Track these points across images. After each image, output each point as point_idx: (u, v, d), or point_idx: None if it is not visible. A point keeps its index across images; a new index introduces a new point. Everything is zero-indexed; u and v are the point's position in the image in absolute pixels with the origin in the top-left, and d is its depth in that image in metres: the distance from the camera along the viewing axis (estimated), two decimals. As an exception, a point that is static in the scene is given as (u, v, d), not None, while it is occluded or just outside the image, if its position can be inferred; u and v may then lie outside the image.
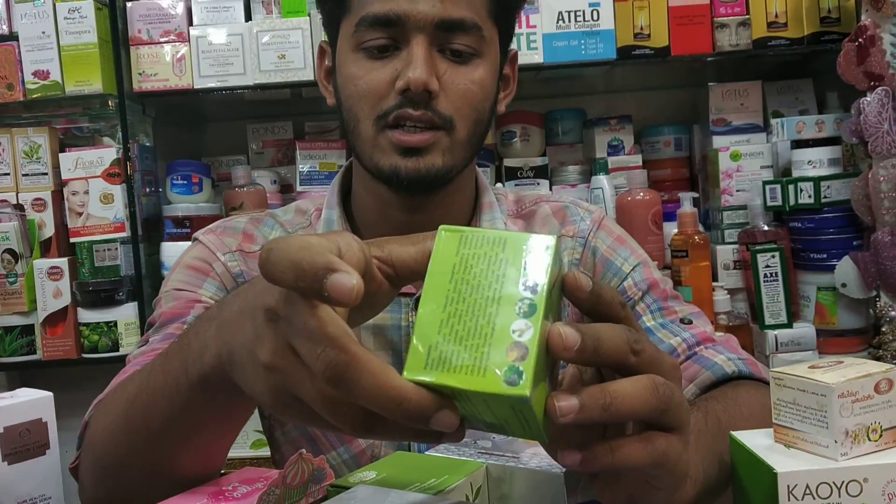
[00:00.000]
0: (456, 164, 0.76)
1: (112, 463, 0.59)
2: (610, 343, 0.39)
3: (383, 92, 0.74)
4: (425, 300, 0.38)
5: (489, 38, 0.76)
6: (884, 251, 1.35)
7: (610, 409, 0.38)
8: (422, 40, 0.72)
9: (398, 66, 0.73)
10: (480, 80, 0.75)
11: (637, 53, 1.51)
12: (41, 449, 0.66)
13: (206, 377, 0.47)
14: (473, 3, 0.74)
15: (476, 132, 0.77)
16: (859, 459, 0.48)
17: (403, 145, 0.73)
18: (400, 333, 0.80)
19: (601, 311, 0.41)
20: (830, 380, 0.48)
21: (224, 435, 0.56)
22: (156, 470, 0.56)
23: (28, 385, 0.70)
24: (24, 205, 1.57)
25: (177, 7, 1.53)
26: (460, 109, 0.75)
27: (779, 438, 0.51)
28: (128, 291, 1.56)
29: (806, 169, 1.47)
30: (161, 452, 0.55)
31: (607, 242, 0.85)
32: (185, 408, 0.51)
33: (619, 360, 0.40)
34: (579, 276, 0.41)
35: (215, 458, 0.58)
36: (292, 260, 0.37)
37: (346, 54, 0.77)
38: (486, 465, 0.52)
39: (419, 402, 0.36)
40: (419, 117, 0.73)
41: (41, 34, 1.51)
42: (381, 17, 0.73)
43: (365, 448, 0.81)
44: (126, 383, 0.61)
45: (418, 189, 0.76)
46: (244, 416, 0.55)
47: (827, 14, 1.51)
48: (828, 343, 1.48)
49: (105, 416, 0.61)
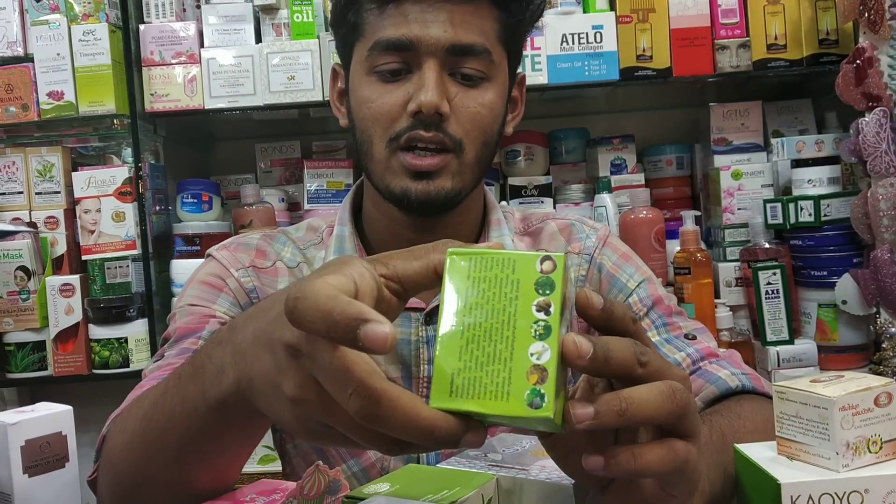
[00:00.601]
0: (465, 186, 0.78)
1: (130, 479, 0.60)
2: (619, 353, 0.41)
3: (396, 114, 0.76)
4: (443, 326, 0.40)
5: (498, 62, 0.78)
6: (883, 268, 1.37)
7: (626, 414, 0.40)
8: (433, 64, 0.74)
9: (410, 89, 0.75)
10: (490, 104, 0.77)
11: (639, 74, 1.53)
12: (61, 462, 0.67)
13: (224, 401, 0.48)
14: (484, 29, 0.76)
15: (484, 154, 0.79)
16: (860, 471, 0.49)
17: (414, 169, 0.75)
18: (410, 348, 0.82)
19: (613, 327, 0.43)
20: (831, 393, 0.49)
21: (241, 451, 0.57)
22: (173, 486, 0.57)
23: (40, 401, 0.71)
24: (38, 223, 1.59)
25: (188, 29, 1.56)
26: (470, 132, 0.76)
27: (782, 451, 0.52)
28: (138, 308, 1.58)
29: (806, 188, 1.49)
30: (179, 470, 0.56)
31: (613, 259, 0.87)
32: (202, 429, 0.52)
33: (627, 370, 0.41)
34: (591, 294, 0.42)
35: (232, 472, 0.59)
36: (322, 311, 0.37)
37: (359, 77, 0.78)
38: (497, 478, 0.53)
39: (448, 430, 0.38)
40: (430, 139, 0.75)
41: (56, 56, 1.54)
42: (395, 41, 0.75)
43: (375, 461, 0.82)
44: (142, 399, 0.62)
45: (428, 212, 0.78)
46: (261, 433, 0.56)
47: (826, 36, 1.53)
48: (829, 359, 1.49)
49: (122, 433, 0.63)
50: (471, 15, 0.75)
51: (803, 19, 1.53)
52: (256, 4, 1.57)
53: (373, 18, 0.77)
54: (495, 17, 0.77)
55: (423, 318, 0.82)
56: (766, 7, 1.54)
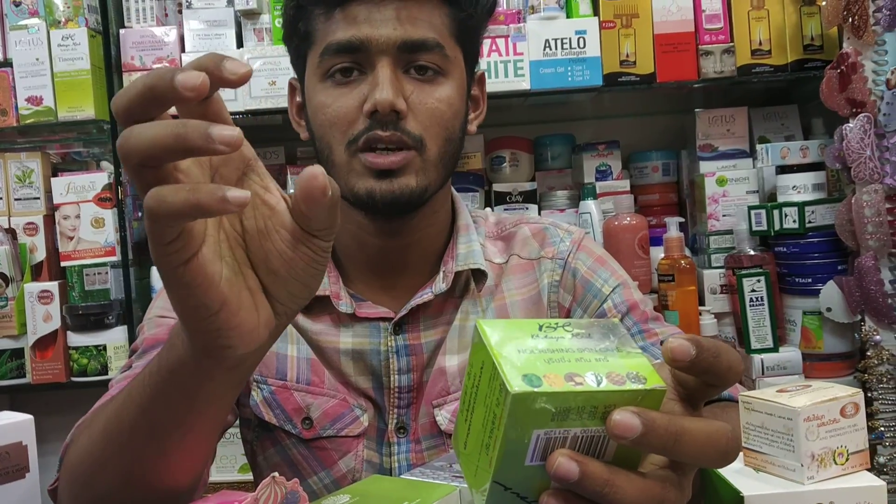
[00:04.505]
0: (430, 184, 0.77)
1: (86, 471, 0.59)
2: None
3: (352, 117, 0.75)
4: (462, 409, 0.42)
5: (453, 57, 0.77)
6: (868, 276, 1.36)
7: (605, 498, 0.37)
8: (386, 63, 0.74)
9: (365, 90, 0.74)
10: (447, 99, 0.76)
11: (623, 80, 1.53)
12: (20, 472, 0.66)
13: (173, 367, 0.50)
14: (435, 24, 0.76)
15: (447, 151, 0.77)
16: (825, 483, 0.48)
17: (376, 167, 0.74)
18: (380, 358, 0.81)
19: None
20: (797, 403, 0.48)
21: (194, 430, 0.54)
22: (128, 477, 0.55)
23: (18, 409, 0.70)
24: (17, 229, 1.57)
25: (169, 34, 1.55)
26: (430, 128, 0.75)
27: (748, 462, 0.52)
28: (118, 315, 1.56)
29: (791, 194, 1.49)
30: (133, 454, 0.55)
31: (587, 264, 0.86)
32: (155, 395, 0.52)
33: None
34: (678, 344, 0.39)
35: (188, 462, 0.57)
36: (140, 86, 0.40)
37: (314, 85, 0.78)
38: (460, 489, 0.52)
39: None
40: (389, 138, 0.73)
41: (35, 60, 1.53)
42: (345, 43, 0.74)
43: (346, 473, 0.81)
44: (105, 405, 0.61)
45: (394, 211, 0.77)
46: (215, 408, 0.53)
47: (810, 42, 1.53)
48: (814, 367, 1.48)
49: (86, 436, 0.62)
50: (419, 11, 0.75)
51: (788, 25, 1.53)
52: (238, 9, 1.56)
53: (321, 25, 0.76)
54: (445, 12, 0.77)
55: (391, 328, 0.81)
56: (750, 12, 1.53)
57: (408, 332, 0.81)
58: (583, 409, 0.36)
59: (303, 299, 0.49)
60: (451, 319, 0.82)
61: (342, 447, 0.81)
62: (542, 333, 0.39)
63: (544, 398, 0.35)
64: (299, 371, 0.81)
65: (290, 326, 0.82)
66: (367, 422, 0.81)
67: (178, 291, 0.44)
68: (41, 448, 0.67)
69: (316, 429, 0.80)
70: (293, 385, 0.81)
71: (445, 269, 0.82)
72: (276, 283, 0.47)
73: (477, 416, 0.39)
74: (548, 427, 0.36)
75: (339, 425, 0.80)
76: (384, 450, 0.81)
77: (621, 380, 0.36)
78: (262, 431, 0.83)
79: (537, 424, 0.36)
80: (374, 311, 0.81)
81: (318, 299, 0.81)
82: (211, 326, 0.45)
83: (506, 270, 0.86)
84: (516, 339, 0.38)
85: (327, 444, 0.81)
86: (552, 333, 0.39)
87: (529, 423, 0.36)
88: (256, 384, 0.82)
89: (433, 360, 0.81)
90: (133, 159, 0.40)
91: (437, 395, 0.81)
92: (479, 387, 0.39)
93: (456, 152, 0.80)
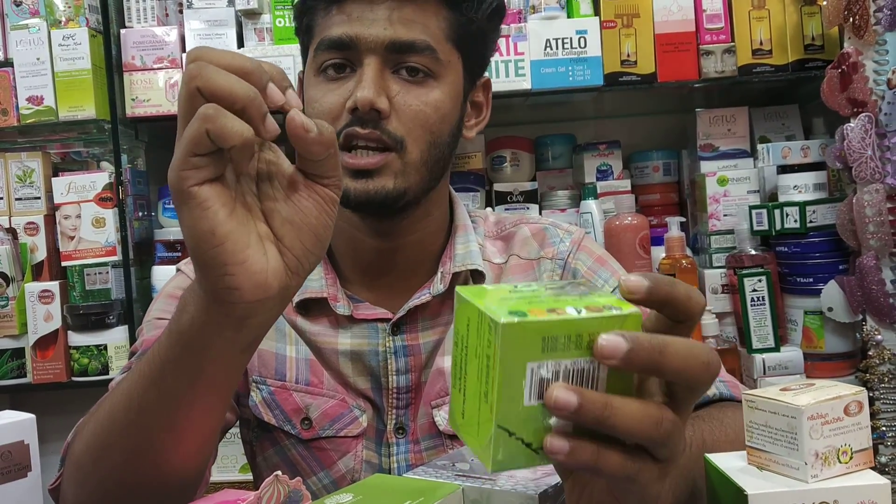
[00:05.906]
0: (410, 187, 0.76)
1: (92, 454, 0.59)
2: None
3: (336, 113, 0.75)
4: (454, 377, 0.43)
5: (447, 61, 0.77)
6: (869, 275, 1.36)
7: (605, 422, 0.38)
8: (372, 61, 0.74)
9: (351, 87, 0.74)
10: (435, 103, 0.76)
11: (624, 80, 1.53)
12: (23, 471, 0.66)
13: (182, 331, 0.51)
14: (428, 27, 0.75)
15: (431, 155, 0.76)
16: (829, 481, 0.48)
17: (351, 167, 0.74)
18: (378, 359, 0.81)
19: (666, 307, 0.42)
20: (800, 402, 0.48)
21: (203, 401, 0.55)
22: (135, 453, 0.56)
23: (18, 408, 0.70)
24: (17, 229, 1.57)
25: (170, 34, 1.55)
26: (413, 130, 0.75)
27: (752, 460, 0.51)
28: (118, 315, 1.56)
29: (792, 194, 1.49)
30: (141, 431, 0.55)
31: (587, 263, 0.86)
32: (164, 364, 0.53)
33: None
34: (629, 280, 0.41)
35: (195, 441, 0.57)
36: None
37: (309, 79, 0.79)
38: (463, 488, 0.52)
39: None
40: (367, 136, 0.73)
41: (36, 60, 1.53)
42: (335, 40, 0.75)
43: (345, 473, 0.81)
44: (112, 392, 0.62)
45: (368, 211, 0.77)
46: (223, 375, 0.54)
47: (811, 41, 1.53)
48: (815, 367, 1.48)
49: (91, 423, 0.62)
50: (413, 13, 0.74)
51: (788, 24, 1.53)
52: (239, 9, 1.56)
53: (320, 20, 0.77)
54: (443, 15, 0.76)
55: (389, 329, 0.81)
56: (751, 12, 1.53)
57: (406, 333, 0.81)
58: (569, 339, 0.38)
59: (314, 256, 0.51)
60: (449, 320, 0.82)
61: (341, 447, 0.81)
62: (519, 290, 0.42)
63: (532, 326, 0.38)
64: (298, 371, 0.81)
65: (289, 327, 0.82)
66: (366, 422, 0.81)
67: (192, 212, 0.46)
68: (41, 448, 0.66)
69: (315, 429, 0.80)
70: (292, 385, 0.81)
71: (443, 270, 0.82)
72: (289, 232, 0.50)
73: (471, 373, 0.40)
74: (539, 359, 0.38)
75: (338, 426, 0.80)
76: (383, 450, 0.81)
77: (599, 309, 0.39)
78: (262, 432, 0.83)
79: (529, 356, 0.38)
80: (372, 312, 0.81)
81: (316, 301, 0.81)
82: (218, 259, 0.47)
83: (505, 270, 0.86)
84: (496, 294, 0.41)
85: (326, 445, 0.81)
86: (527, 289, 0.42)
87: (521, 354, 0.38)
88: (256, 385, 0.82)
89: (431, 360, 0.81)
90: (202, 87, 0.45)
91: (435, 396, 0.81)
92: (468, 346, 0.41)
93: (443, 157, 0.78)
